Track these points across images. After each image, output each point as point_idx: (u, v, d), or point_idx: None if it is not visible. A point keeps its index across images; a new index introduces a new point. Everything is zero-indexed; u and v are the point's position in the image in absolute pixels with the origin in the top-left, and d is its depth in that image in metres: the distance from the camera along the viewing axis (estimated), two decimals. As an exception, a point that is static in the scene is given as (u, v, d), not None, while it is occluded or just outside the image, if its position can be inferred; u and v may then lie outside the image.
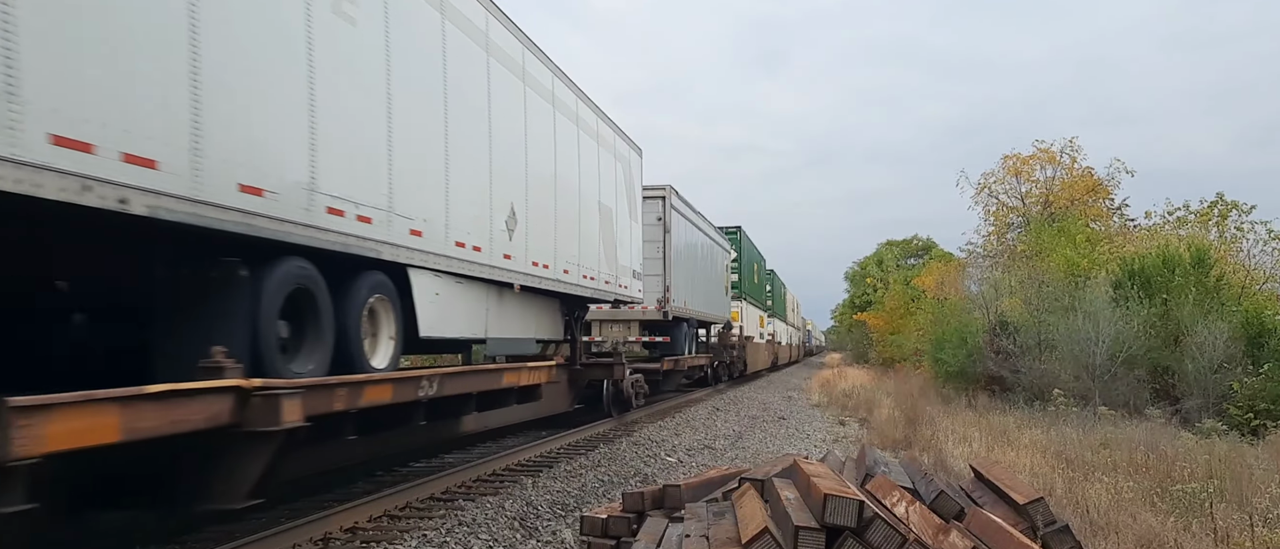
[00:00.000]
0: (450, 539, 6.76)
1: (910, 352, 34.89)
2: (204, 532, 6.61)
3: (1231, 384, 16.01)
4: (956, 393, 21.68)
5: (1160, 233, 28.39)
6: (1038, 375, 18.99)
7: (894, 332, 41.57)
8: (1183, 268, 19.42)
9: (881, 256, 68.08)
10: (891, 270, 61.13)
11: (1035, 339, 20.21)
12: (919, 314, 35.06)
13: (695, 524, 4.43)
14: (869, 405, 19.81)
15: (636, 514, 5.05)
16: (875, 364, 44.99)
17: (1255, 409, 14.90)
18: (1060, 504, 7.15)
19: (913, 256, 64.95)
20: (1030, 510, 4.32)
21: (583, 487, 9.32)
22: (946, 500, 4.48)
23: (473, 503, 8.03)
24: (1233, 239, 26.80)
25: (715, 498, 4.89)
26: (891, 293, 48.22)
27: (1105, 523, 6.77)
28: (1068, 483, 8.57)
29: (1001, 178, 35.85)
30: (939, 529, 3.99)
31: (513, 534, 7.13)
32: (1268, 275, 23.89)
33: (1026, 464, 10.01)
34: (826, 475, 4.22)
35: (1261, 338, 17.08)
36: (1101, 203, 33.97)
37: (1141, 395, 17.12)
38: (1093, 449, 10.99)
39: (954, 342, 23.63)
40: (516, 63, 9.89)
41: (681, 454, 12.33)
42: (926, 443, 12.21)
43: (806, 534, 3.57)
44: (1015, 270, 26.21)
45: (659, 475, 10.31)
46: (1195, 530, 6.69)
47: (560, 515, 7.95)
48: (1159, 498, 7.92)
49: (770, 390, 27.22)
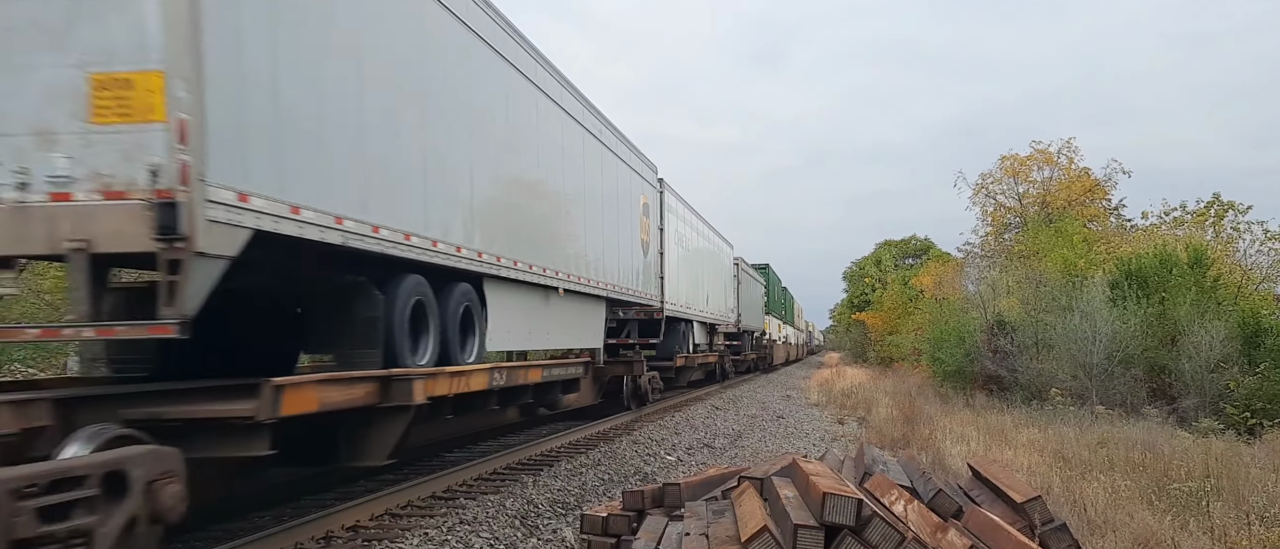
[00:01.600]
0: (451, 537, 6.79)
1: (908, 351, 34.94)
2: (206, 530, 6.64)
3: (1228, 383, 16.06)
4: (954, 392, 21.72)
5: (1157, 233, 28.47)
6: (1035, 375, 19.04)
7: (892, 331, 41.63)
8: (1180, 268, 19.47)
9: (880, 257, 68.16)
10: (890, 270, 61.20)
11: (1032, 339, 20.26)
12: (917, 314, 35.12)
13: (695, 522, 4.46)
14: (867, 405, 19.85)
15: (636, 512, 5.07)
16: (873, 363, 45.05)
17: (1252, 408, 14.94)
18: (1058, 503, 7.19)
19: (911, 257, 65.04)
20: (1028, 509, 4.35)
21: (583, 485, 9.36)
22: (945, 499, 4.51)
23: (474, 501, 8.06)
24: (1229, 239, 26.90)
25: (715, 496, 4.91)
26: (890, 293, 48.30)
27: (1102, 521, 6.80)
28: (1065, 481, 8.60)
29: (999, 178, 35.95)
30: (937, 527, 4.03)
31: (513, 532, 7.16)
32: (1264, 275, 23.97)
33: (1024, 463, 10.05)
34: (825, 474, 4.25)
35: (1258, 337, 17.11)
36: (1098, 203, 34.05)
37: (1138, 395, 17.17)
38: (1090, 448, 11.03)
39: (952, 341, 23.67)
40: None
41: (681, 453, 12.37)
42: (924, 442, 12.24)
43: (805, 533, 3.60)
44: (1013, 270, 26.27)
45: (659, 474, 10.35)
46: (1192, 528, 6.72)
47: (561, 514, 7.98)
48: (1156, 496, 7.96)
49: (769, 389, 27.26)
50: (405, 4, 7.33)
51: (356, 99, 6.53)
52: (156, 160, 4.94)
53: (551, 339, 11.51)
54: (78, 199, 5.03)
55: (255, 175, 5.45)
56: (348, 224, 6.33)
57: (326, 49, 6.20)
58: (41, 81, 5.02)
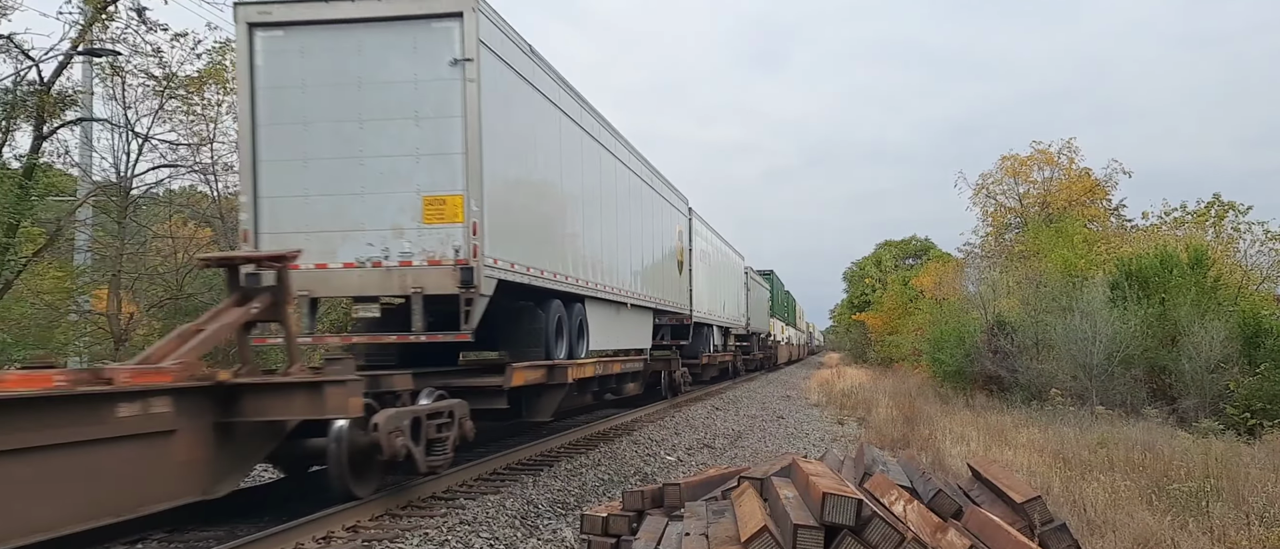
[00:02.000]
0: (452, 537, 6.78)
1: (908, 351, 34.94)
2: (208, 529, 6.64)
3: (1228, 384, 16.07)
4: (954, 392, 21.73)
5: (1158, 233, 28.47)
6: (1035, 375, 19.04)
7: (892, 331, 41.63)
8: (1180, 268, 19.47)
9: (880, 257, 68.19)
10: (890, 271, 61.23)
11: (1033, 339, 20.27)
12: (917, 314, 35.13)
13: (695, 523, 4.46)
14: (867, 405, 19.85)
15: (636, 513, 5.07)
16: (873, 364, 45.06)
17: (1252, 409, 14.95)
18: (1057, 503, 7.19)
19: (911, 257, 65.07)
20: (1028, 509, 4.35)
21: (583, 485, 9.36)
22: (944, 499, 4.51)
23: (474, 501, 8.06)
24: (1229, 239, 26.89)
25: (715, 497, 4.91)
26: (890, 293, 48.31)
27: (1102, 521, 6.80)
28: (1065, 482, 8.61)
29: (999, 179, 35.97)
30: (937, 527, 4.03)
31: (513, 533, 7.16)
32: (1264, 275, 23.97)
33: (1024, 463, 10.06)
34: (825, 474, 4.25)
35: (1258, 338, 17.12)
36: (1099, 203, 34.06)
37: (1138, 395, 17.18)
38: (1090, 448, 11.03)
39: (952, 341, 23.68)
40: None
41: (681, 453, 12.37)
42: (924, 442, 12.25)
43: (805, 533, 3.60)
44: (1013, 270, 26.28)
45: (659, 474, 10.36)
46: (1192, 529, 6.72)
47: (561, 514, 7.99)
48: (1156, 497, 7.97)
49: (769, 390, 27.27)
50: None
51: (540, 212, 10.72)
52: (459, 244, 8.62)
53: (621, 342, 14.82)
54: (415, 264, 8.69)
55: (500, 250, 9.15)
56: (532, 270, 10.08)
57: (527, 192, 10.33)
58: (397, 200, 8.70)
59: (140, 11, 16.31)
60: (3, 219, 14.17)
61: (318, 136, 8.74)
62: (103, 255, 18.18)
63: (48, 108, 15.66)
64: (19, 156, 16.16)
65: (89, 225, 17.81)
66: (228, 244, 18.23)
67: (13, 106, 15.31)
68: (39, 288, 16.72)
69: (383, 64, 8.69)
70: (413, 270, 8.61)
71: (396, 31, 8.68)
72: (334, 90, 8.72)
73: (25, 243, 15.50)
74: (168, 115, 18.99)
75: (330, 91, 8.73)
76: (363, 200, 8.72)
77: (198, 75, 18.94)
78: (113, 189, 18.64)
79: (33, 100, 15.41)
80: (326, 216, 8.74)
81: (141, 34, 16.76)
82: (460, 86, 8.59)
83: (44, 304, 16.53)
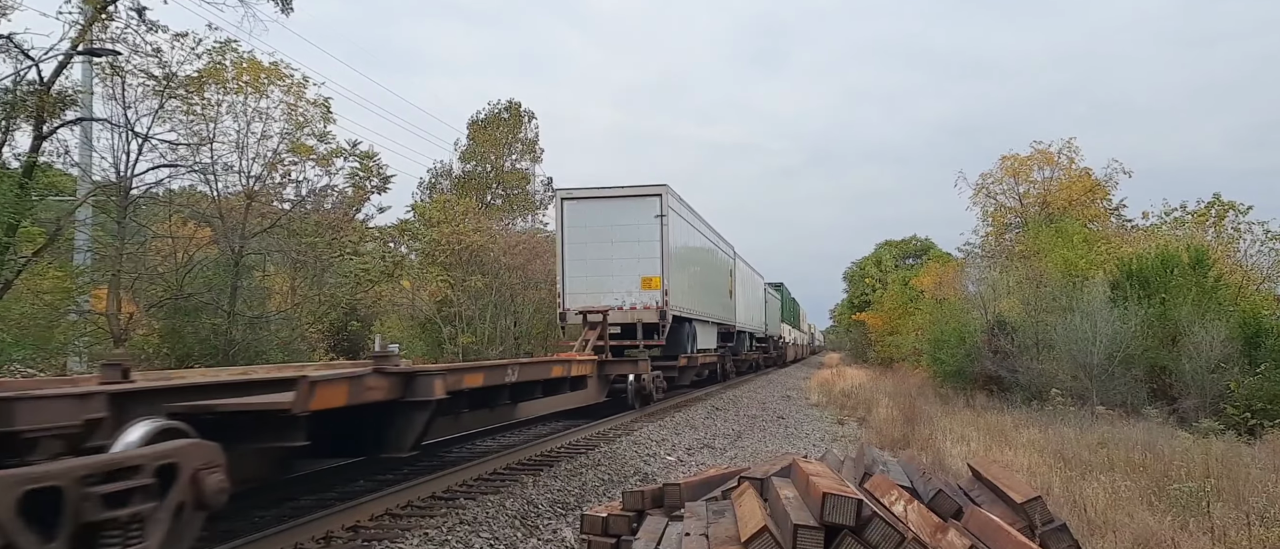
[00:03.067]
0: (452, 538, 6.78)
1: (908, 351, 34.96)
2: (207, 529, 6.63)
3: (1228, 384, 16.06)
4: (954, 392, 21.74)
5: (1158, 233, 28.46)
6: (1035, 375, 19.04)
7: (892, 332, 41.64)
8: (1181, 268, 19.47)
9: (880, 257, 68.21)
10: (890, 271, 61.24)
11: (1033, 339, 20.28)
12: (917, 314, 35.13)
13: (695, 523, 4.46)
14: (867, 405, 19.86)
15: (636, 513, 5.07)
16: (874, 364, 45.07)
17: (1252, 409, 14.95)
18: (1058, 503, 7.19)
19: (911, 257, 65.08)
20: (1028, 509, 4.35)
21: (583, 486, 9.36)
22: (945, 499, 4.51)
23: (474, 501, 8.05)
24: (1230, 239, 26.88)
25: (715, 497, 4.91)
26: (890, 293, 48.32)
27: (1103, 522, 6.80)
28: (1065, 482, 8.60)
29: (1000, 179, 35.96)
30: (937, 528, 4.02)
31: (513, 533, 7.16)
32: (1265, 275, 23.96)
33: (1024, 463, 10.06)
34: (825, 474, 4.25)
35: (1258, 338, 17.13)
36: (1099, 203, 34.05)
37: (1139, 395, 17.18)
38: (1090, 448, 11.03)
39: (952, 341, 23.69)
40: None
41: (681, 453, 12.37)
42: (924, 442, 12.25)
43: (805, 533, 3.60)
44: (1013, 270, 26.28)
45: (659, 474, 10.35)
46: (1192, 529, 6.72)
47: (561, 514, 7.98)
48: (1156, 497, 7.96)
49: (769, 390, 27.27)
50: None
51: (691, 279, 20.54)
52: (660, 299, 17.92)
53: (707, 344, 23.25)
54: (638, 308, 17.91)
55: (674, 301, 18.25)
56: (687, 309, 19.59)
57: (685, 273, 19.72)
58: (629, 277, 18.00)
59: (140, 11, 16.31)
60: (2, 219, 14.15)
61: (593, 251, 18.03)
62: (102, 255, 18.18)
63: (47, 107, 15.64)
64: (19, 156, 16.15)
65: (89, 225, 17.80)
66: (231, 244, 20.00)
67: (12, 106, 15.29)
68: (39, 288, 16.72)
69: (623, 215, 18.02)
70: (637, 311, 17.78)
71: (630, 201, 18.09)
72: (600, 229, 18.04)
73: (25, 243, 15.49)
74: (168, 115, 18.98)
75: (599, 230, 18.05)
76: (612, 279, 17.88)
77: (198, 75, 18.94)
78: (112, 189, 18.63)
79: (32, 100, 15.39)
80: (597, 288, 17.85)
81: (141, 34, 16.77)
82: (660, 227, 17.91)
83: (44, 304, 16.53)
